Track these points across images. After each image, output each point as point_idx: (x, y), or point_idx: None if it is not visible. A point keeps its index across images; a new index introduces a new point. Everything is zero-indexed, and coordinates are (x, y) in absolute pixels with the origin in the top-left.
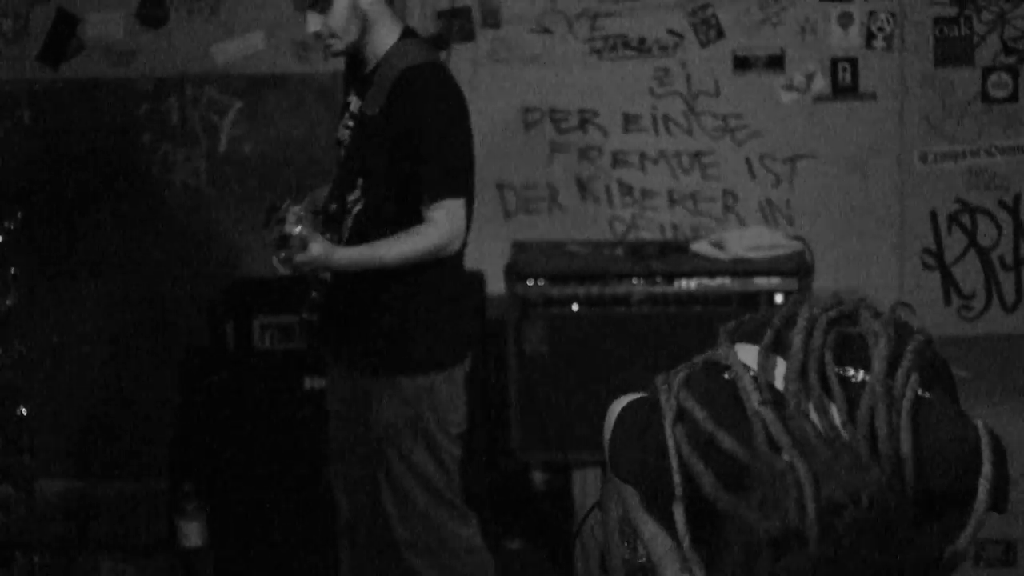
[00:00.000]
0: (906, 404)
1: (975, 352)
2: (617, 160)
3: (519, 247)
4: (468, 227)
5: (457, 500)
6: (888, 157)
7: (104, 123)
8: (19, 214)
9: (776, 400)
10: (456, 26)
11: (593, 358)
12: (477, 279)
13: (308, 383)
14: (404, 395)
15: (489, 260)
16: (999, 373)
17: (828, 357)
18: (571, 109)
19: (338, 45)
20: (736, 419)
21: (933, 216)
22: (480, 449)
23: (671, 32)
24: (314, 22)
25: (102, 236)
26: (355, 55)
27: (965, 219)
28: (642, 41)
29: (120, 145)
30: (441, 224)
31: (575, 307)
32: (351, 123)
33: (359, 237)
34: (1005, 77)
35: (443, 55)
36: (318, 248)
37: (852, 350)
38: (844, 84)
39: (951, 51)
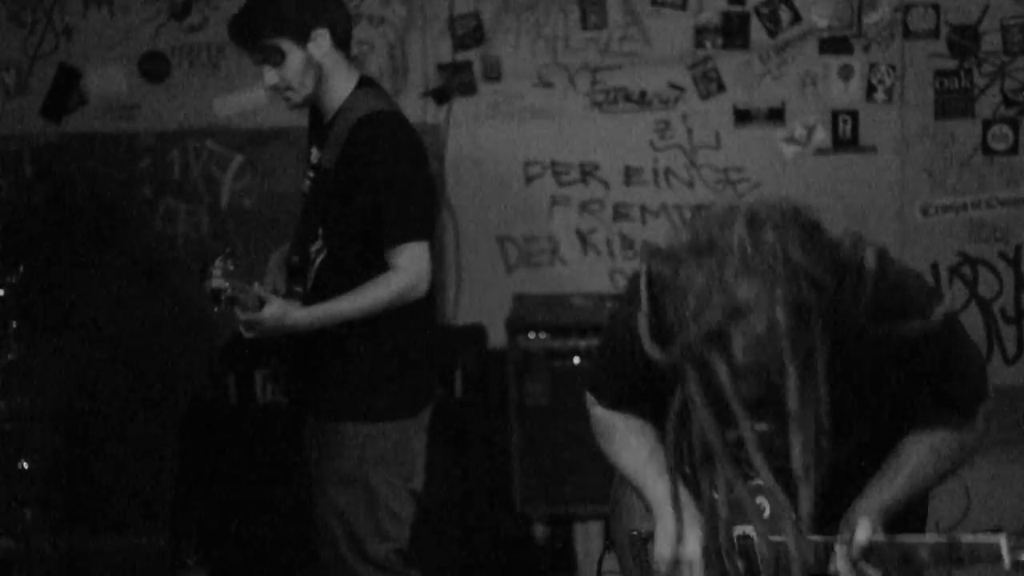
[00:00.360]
0: None
1: None
2: (618, 213)
3: (520, 300)
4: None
5: (390, 559)
6: (889, 209)
7: (106, 177)
8: (21, 268)
9: None
10: (458, 80)
11: None
12: (478, 332)
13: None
14: (346, 442)
15: (490, 313)
16: (1000, 425)
17: None
18: (572, 162)
19: (295, 98)
20: None
21: (934, 268)
22: (481, 502)
23: (672, 85)
24: (270, 76)
25: (104, 289)
26: (315, 106)
27: (966, 271)
28: (643, 94)
29: (122, 199)
30: (405, 268)
31: (576, 360)
32: (311, 174)
33: (323, 287)
34: (1005, 129)
35: (445, 108)
36: (272, 309)
37: None
38: (845, 137)
39: (951, 104)
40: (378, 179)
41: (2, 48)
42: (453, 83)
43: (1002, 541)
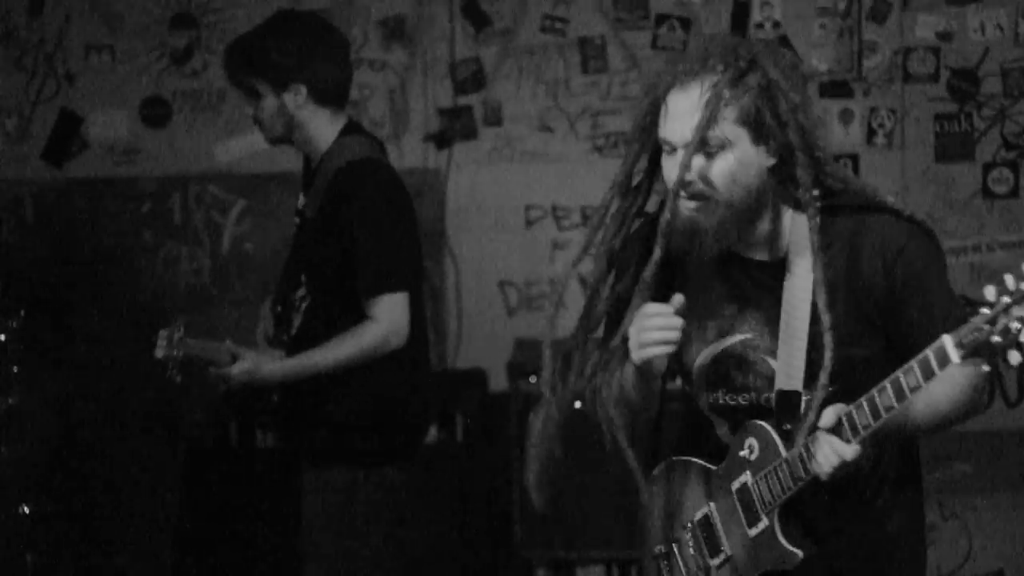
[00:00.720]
0: None
1: (977, 447)
2: None
3: (521, 344)
4: (416, 319)
5: None
6: None
7: (107, 221)
8: (22, 313)
9: None
10: (458, 124)
11: (596, 455)
12: (479, 376)
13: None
14: (327, 487)
15: (491, 357)
16: (1000, 468)
17: None
18: (573, 206)
19: (265, 135)
20: None
21: None
22: (482, 546)
23: None
24: (248, 106)
25: (105, 334)
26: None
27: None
28: None
29: (123, 243)
30: (380, 320)
31: (577, 404)
32: (297, 220)
33: (308, 334)
34: (1006, 172)
35: (445, 152)
36: (241, 365)
37: None
38: None
39: (952, 147)
40: (355, 228)
41: (4, 93)
42: (454, 127)
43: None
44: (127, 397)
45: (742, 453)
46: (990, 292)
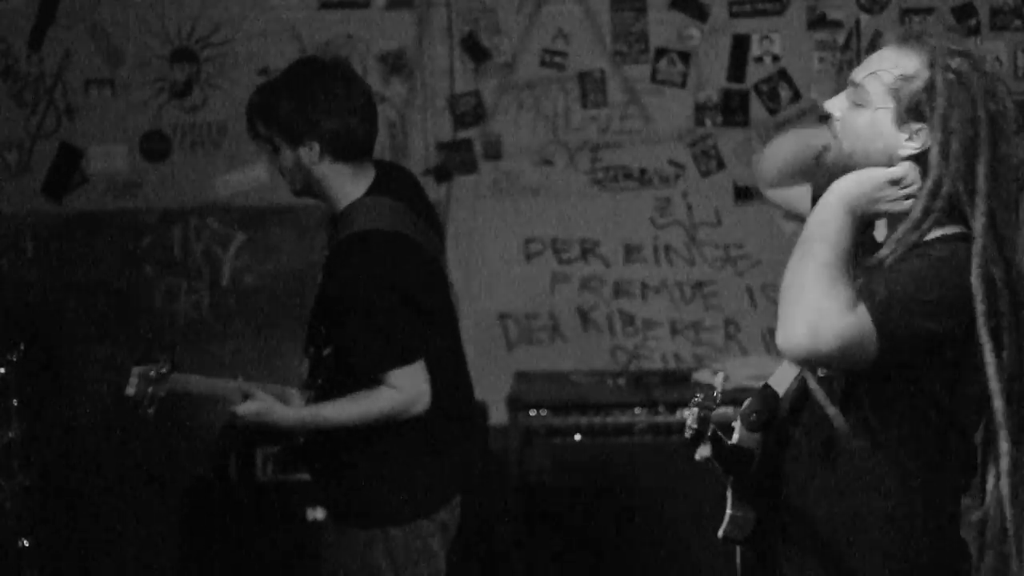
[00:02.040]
0: None
1: None
2: (619, 290)
3: (521, 377)
4: (449, 365)
5: None
6: None
7: (107, 255)
8: (21, 346)
9: None
10: (458, 158)
11: (596, 487)
12: (479, 409)
13: (310, 515)
14: (352, 545)
15: (491, 390)
16: None
17: None
18: (573, 239)
19: (290, 188)
20: None
21: None
22: None
23: (672, 163)
24: (269, 158)
25: (104, 367)
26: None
27: None
28: (643, 172)
29: (123, 277)
30: (400, 389)
31: (578, 437)
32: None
33: (336, 382)
34: None
35: (445, 186)
36: (248, 407)
37: None
38: None
39: None
40: (351, 310)
41: (4, 127)
42: (454, 161)
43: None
44: (127, 430)
45: None
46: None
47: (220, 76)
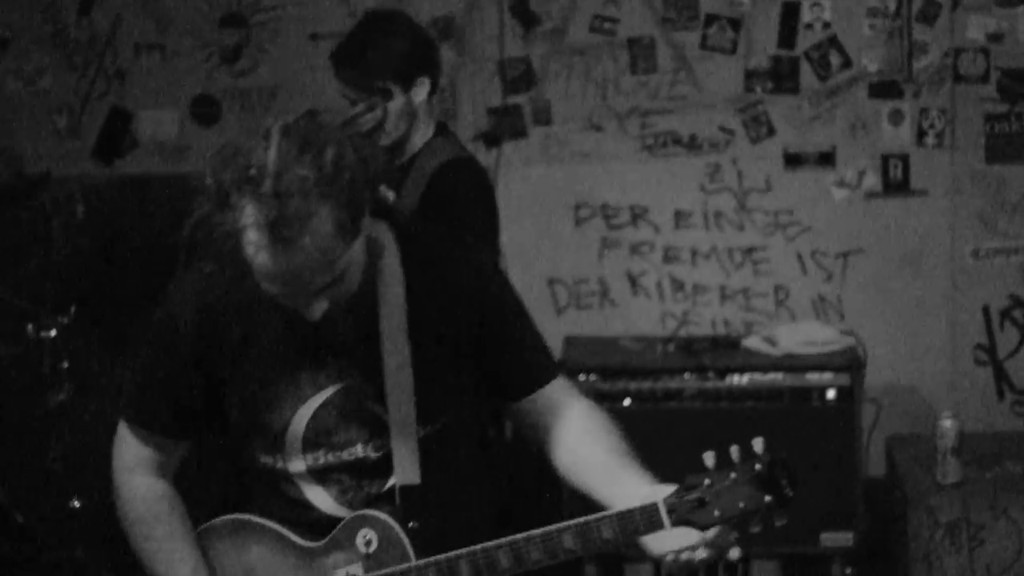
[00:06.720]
0: None
1: None
2: (668, 256)
3: (570, 342)
4: None
5: None
6: (940, 253)
7: (157, 218)
8: (72, 308)
9: None
10: (507, 123)
11: (644, 454)
12: None
13: None
14: None
15: None
16: None
17: None
18: (622, 205)
19: (386, 140)
20: None
21: (985, 311)
22: None
23: (722, 129)
24: (364, 114)
25: None
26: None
27: (1018, 314)
28: (693, 138)
29: (173, 240)
30: None
31: (627, 402)
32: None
33: None
34: None
35: (495, 151)
36: None
37: None
38: (895, 180)
39: (1002, 148)
40: (461, 223)
41: (55, 91)
42: (503, 126)
43: (660, 504)
44: None
45: (358, 542)
46: (709, 459)
47: (269, 41)
